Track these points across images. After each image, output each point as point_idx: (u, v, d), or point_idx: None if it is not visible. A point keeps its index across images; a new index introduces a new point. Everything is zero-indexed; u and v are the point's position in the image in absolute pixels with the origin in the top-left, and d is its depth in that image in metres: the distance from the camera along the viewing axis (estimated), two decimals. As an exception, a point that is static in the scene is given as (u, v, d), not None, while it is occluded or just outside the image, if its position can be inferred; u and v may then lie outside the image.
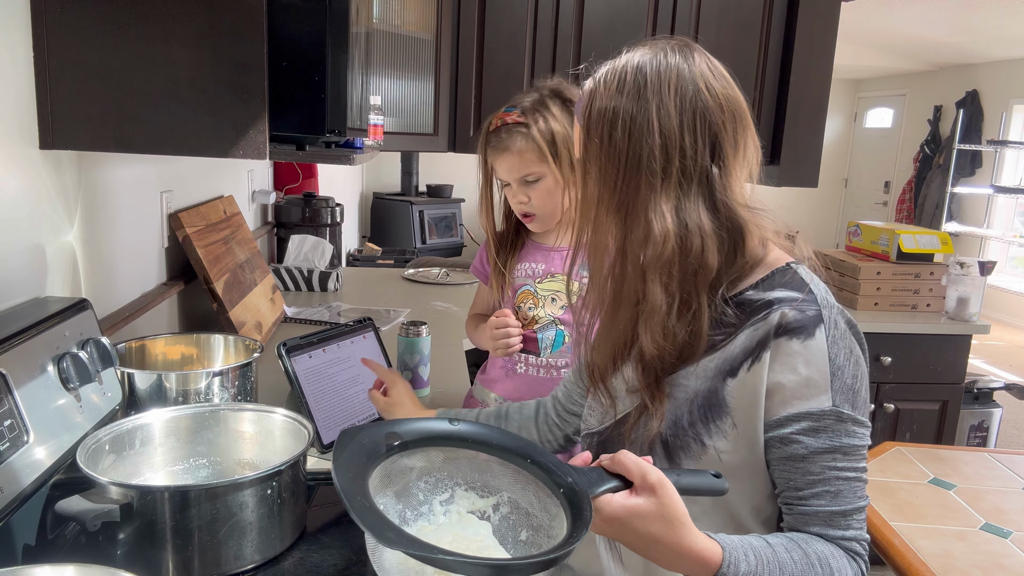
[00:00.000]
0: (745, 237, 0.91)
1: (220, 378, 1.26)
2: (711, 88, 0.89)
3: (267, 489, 0.94)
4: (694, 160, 0.88)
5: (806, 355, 0.85)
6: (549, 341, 1.50)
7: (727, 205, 0.90)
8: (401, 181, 5.25)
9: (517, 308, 1.51)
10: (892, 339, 2.63)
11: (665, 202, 0.88)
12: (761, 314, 0.88)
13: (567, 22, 2.31)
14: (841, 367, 0.86)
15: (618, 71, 0.91)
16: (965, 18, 5.71)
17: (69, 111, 1.12)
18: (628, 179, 0.89)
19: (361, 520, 0.68)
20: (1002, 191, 6.61)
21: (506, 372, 1.54)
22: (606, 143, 0.89)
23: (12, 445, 0.89)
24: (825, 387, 0.85)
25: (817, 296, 0.88)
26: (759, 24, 2.34)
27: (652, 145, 0.87)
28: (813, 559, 0.83)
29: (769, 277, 0.91)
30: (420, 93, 2.05)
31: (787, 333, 0.86)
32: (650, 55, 0.90)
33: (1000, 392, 3.05)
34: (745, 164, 0.93)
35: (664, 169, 0.88)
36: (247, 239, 2.18)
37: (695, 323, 0.90)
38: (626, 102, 0.88)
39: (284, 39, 1.17)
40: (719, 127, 0.89)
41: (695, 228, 0.88)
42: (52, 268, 1.21)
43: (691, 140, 0.88)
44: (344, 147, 1.39)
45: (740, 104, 0.92)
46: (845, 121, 9.47)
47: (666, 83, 0.88)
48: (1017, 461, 1.91)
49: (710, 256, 0.89)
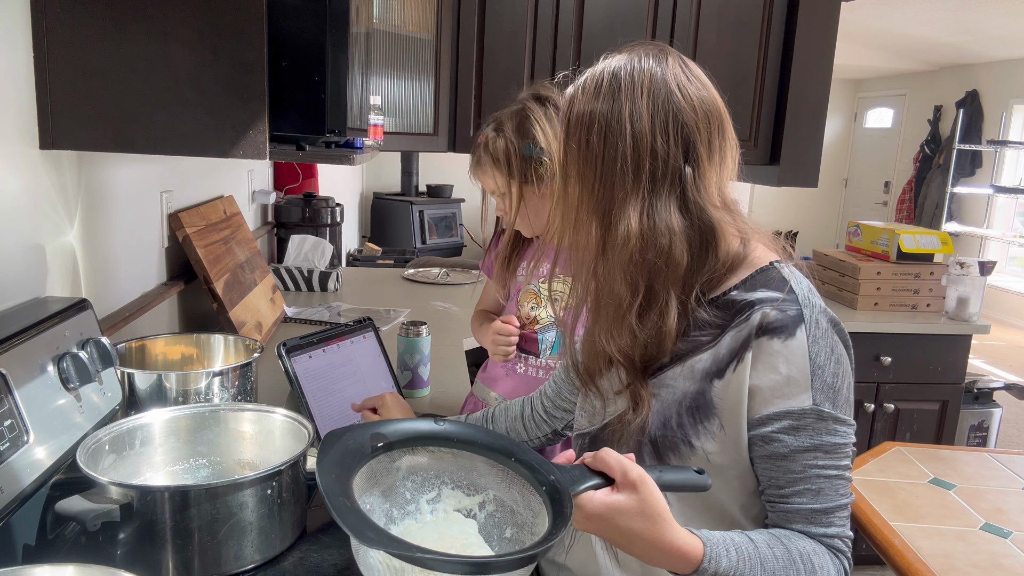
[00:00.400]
0: (717, 237, 0.92)
1: (220, 378, 1.26)
2: (684, 90, 0.90)
3: (267, 489, 0.94)
4: (666, 162, 0.89)
5: (786, 354, 0.86)
6: (549, 343, 1.50)
7: (699, 205, 0.91)
8: (401, 181, 5.25)
9: (519, 307, 1.51)
10: (892, 339, 2.63)
11: (635, 203, 0.89)
12: (744, 315, 0.89)
13: (567, 22, 2.31)
14: (822, 366, 0.86)
15: (596, 76, 0.93)
16: (965, 18, 5.72)
17: (69, 111, 1.12)
18: (604, 181, 0.91)
19: (342, 520, 0.69)
20: (1002, 191, 6.61)
21: (506, 371, 1.54)
22: (583, 147, 0.92)
23: (12, 445, 0.89)
24: (805, 386, 0.86)
25: (799, 295, 0.89)
26: (759, 24, 2.34)
27: (624, 147, 0.89)
28: (795, 555, 0.84)
29: (751, 277, 0.92)
30: (420, 93, 2.05)
31: (768, 333, 0.87)
32: (625, 60, 0.92)
33: (1000, 392, 3.05)
34: (722, 165, 0.94)
35: (635, 171, 0.89)
36: (247, 239, 2.18)
37: (661, 321, 0.91)
38: (601, 106, 0.90)
39: (284, 39, 1.17)
40: (692, 129, 0.90)
41: (663, 228, 0.89)
42: (52, 268, 1.21)
43: (663, 142, 0.89)
44: (344, 147, 1.39)
45: (716, 106, 0.93)
46: (845, 121, 9.47)
47: (639, 86, 0.90)
48: (1017, 461, 1.91)
49: (676, 255, 0.90)
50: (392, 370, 1.54)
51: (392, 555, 0.67)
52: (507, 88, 2.29)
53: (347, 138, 1.36)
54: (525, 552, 0.70)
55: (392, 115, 1.87)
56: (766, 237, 0.97)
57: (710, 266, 0.92)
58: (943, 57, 7.47)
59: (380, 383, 1.50)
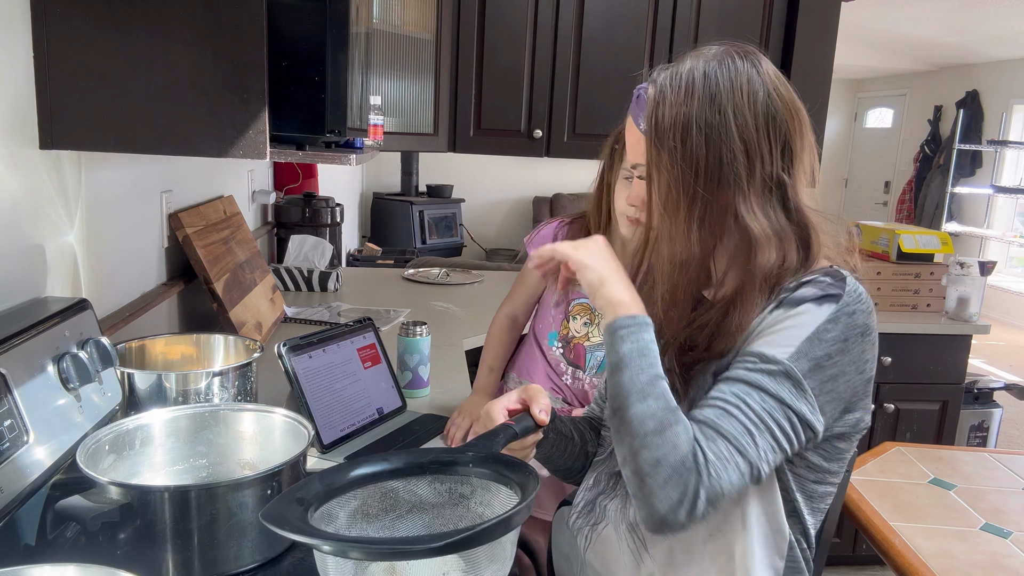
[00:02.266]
0: (811, 237, 0.93)
1: (220, 378, 1.26)
2: (779, 92, 0.91)
3: (267, 489, 0.94)
4: (771, 163, 0.91)
5: (800, 314, 0.87)
6: (596, 362, 1.48)
7: (798, 208, 0.93)
8: (401, 181, 5.25)
9: (569, 319, 1.49)
10: (892, 339, 2.63)
11: (756, 207, 0.90)
12: (788, 293, 0.91)
13: (567, 22, 2.31)
14: (823, 342, 0.86)
15: (684, 77, 0.91)
16: (965, 18, 5.71)
17: (69, 111, 1.12)
18: (708, 186, 0.90)
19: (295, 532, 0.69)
20: (1002, 191, 6.61)
21: (547, 377, 1.52)
22: (680, 149, 0.90)
23: (12, 445, 0.89)
24: (793, 345, 0.86)
25: (848, 287, 0.89)
26: (759, 24, 2.34)
27: (733, 150, 0.89)
28: (671, 409, 0.86)
29: (811, 274, 0.93)
30: (420, 93, 2.05)
31: (796, 299, 0.89)
32: (716, 62, 0.91)
33: (1000, 392, 3.05)
34: (808, 167, 0.95)
35: (749, 174, 0.90)
36: (247, 239, 2.18)
37: (743, 319, 0.93)
38: (698, 108, 0.89)
39: (284, 39, 1.17)
40: (788, 130, 0.91)
41: (782, 232, 0.91)
42: (52, 268, 1.21)
43: (767, 144, 0.90)
44: (344, 147, 1.39)
45: (803, 108, 0.94)
46: (845, 121, 9.47)
47: (738, 88, 0.90)
48: (1017, 461, 1.91)
49: (794, 259, 0.92)
50: (392, 370, 1.54)
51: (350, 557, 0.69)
52: (507, 88, 2.29)
53: (347, 138, 1.36)
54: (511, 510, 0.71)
55: (392, 115, 1.87)
56: (836, 251, 0.97)
57: (798, 264, 0.93)
58: (943, 57, 7.46)
59: (380, 383, 1.50)
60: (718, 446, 0.84)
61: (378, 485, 0.84)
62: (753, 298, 0.91)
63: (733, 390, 0.87)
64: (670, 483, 0.82)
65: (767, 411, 0.85)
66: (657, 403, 0.85)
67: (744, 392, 0.86)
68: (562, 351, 1.49)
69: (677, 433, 0.84)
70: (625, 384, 0.87)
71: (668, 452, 0.83)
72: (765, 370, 0.86)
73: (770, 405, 0.85)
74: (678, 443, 0.83)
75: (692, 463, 0.83)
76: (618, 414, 0.87)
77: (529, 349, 1.56)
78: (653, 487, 0.82)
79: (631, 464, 0.85)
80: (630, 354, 0.88)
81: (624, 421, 0.86)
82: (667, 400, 0.86)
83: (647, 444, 0.83)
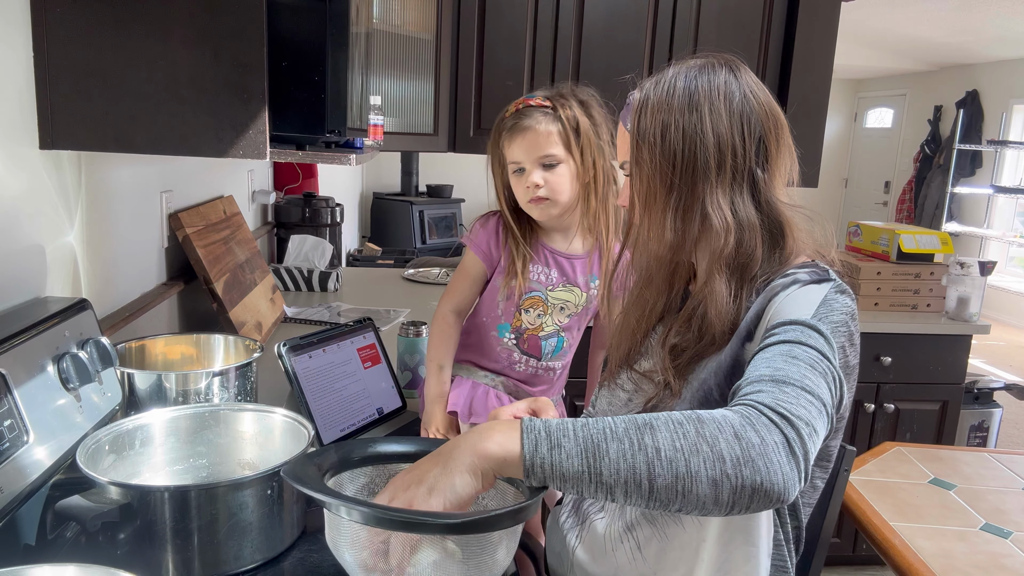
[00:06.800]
0: (785, 233, 0.98)
1: (220, 378, 1.26)
2: (756, 95, 0.97)
3: (267, 489, 0.94)
4: (744, 158, 0.95)
5: (804, 293, 0.90)
6: (551, 347, 1.51)
7: (770, 203, 0.97)
8: (401, 181, 5.25)
9: (521, 312, 1.49)
10: (892, 339, 2.63)
11: (722, 197, 0.95)
12: (778, 282, 0.93)
13: (567, 22, 2.31)
14: (833, 311, 0.88)
15: (667, 81, 0.98)
16: (965, 18, 5.71)
17: (69, 111, 1.12)
18: (684, 177, 0.95)
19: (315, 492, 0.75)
20: (1002, 191, 6.61)
21: (501, 368, 1.53)
22: (659, 144, 0.96)
23: (12, 445, 0.89)
24: (809, 311, 0.88)
25: (831, 275, 0.94)
26: (759, 24, 2.34)
27: (706, 144, 0.94)
28: (690, 417, 0.73)
29: (794, 268, 0.96)
30: (420, 93, 2.05)
31: (791, 281, 0.92)
32: (697, 69, 0.97)
33: (1000, 392, 3.05)
34: (785, 167, 1.00)
35: (719, 166, 0.94)
36: (247, 239, 2.18)
37: (736, 315, 0.95)
38: (678, 107, 0.95)
39: (284, 39, 1.17)
40: (764, 129, 0.96)
41: (746, 223, 0.95)
42: (52, 268, 1.21)
43: (740, 139, 0.95)
44: (344, 147, 1.39)
45: (780, 113, 0.99)
46: (845, 121, 9.47)
47: (715, 89, 0.95)
48: (1017, 461, 1.91)
49: (757, 250, 0.96)
50: (392, 370, 1.54)
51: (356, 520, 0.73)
52: (507, 88, 2.29)
53: (347, 138, 1.36)
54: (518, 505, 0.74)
55: (392, 115, 1.87)
56: (813, 248, 1.00)
57: (775, 261, 0.97)
58: (943, 57, 7.47)
59: (380, 383, 1.50)
60: (784, 391, 0.76)
61: (389, 467, 0.89)
62: (715, 285, 0.95)
63: (773, 352, 0.83)
64: (758, 457, 0.70)
65: (814, 360, 0.81)
66: (654, 434, 0.72)
67: (786, 350, 0.82)
68: (515, 342, 1.50)
69: (705, 421, 0.72)
70: (616, 462, 0.71)
71: (721, 440, 0.70)
72: (795, 329, 0.86)
73: (814, 356, 0.81)
74: (717, 426, 0.72)
75: (758, 418, 0.73)
76: (653, 484, 0.71)
77: (478, 339, 1.54)
78: (752, 476, 0.69)
79: (724, 487, 0.70)
80: (577, 450, 0.72)
81: (662, 478, 0.70)
82: (651, 419, 0.74)
83: (699, 456, 0.70)
